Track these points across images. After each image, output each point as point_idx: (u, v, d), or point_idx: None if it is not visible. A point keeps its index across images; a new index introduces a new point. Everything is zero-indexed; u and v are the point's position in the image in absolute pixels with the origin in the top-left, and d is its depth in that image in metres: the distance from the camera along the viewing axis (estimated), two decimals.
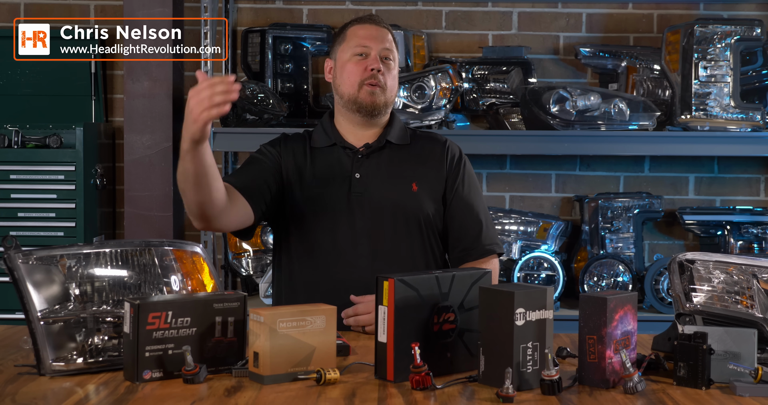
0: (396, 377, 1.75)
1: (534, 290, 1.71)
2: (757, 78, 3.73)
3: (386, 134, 2.46)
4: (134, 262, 1.90)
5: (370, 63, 2.40)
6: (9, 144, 3.56)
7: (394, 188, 2.41)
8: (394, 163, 2.44)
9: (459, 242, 2.46)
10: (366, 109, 2.41)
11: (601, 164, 3.95)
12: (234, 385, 1.73)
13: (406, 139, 2.49)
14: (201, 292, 1.97)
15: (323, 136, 2.48)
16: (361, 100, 2.40)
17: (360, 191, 2.40)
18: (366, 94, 2.40)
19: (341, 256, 2.37)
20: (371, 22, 2.47)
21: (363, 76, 2.40)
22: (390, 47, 2.45)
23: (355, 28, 2.46)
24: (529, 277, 3.67)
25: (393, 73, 2.45)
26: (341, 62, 2.45)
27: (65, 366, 1.78)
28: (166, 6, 3.66)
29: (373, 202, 2.39)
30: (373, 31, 2.44)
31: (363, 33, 2.44)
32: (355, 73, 2.41)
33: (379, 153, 2.45)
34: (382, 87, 2.41)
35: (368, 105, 2.41)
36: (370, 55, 2.41)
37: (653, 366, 1.84)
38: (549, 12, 3.94)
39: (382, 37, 2.44)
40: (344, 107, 2.45)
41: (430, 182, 2.44)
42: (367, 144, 2.45)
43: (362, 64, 2.41)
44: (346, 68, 2.43)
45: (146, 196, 3.67)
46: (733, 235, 3.72)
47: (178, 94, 3.81)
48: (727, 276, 1.89)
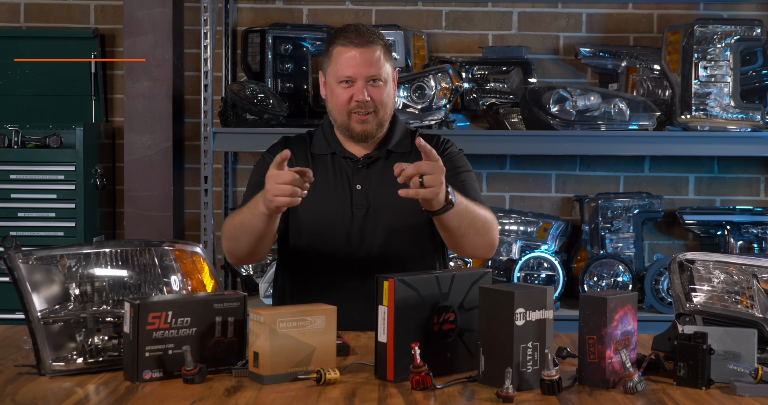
0: (396, 377, 1.75)
1: (534, 290, 1.71)
2: (757, 78, 3.73)
3: (386, 143, 2.42)
4: (134, 262, 1.90)
5: (355, 94, 2.32)
6: (9, 144, 3.56)
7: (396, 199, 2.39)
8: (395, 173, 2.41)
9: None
10: (358, 136, 2.37)
11: (601, 164, 3.95)
12: (234, 385, 1.74)
13: (407, 146, 2.44)
14: (201, 292, 1.97)
15: (324, 143, 2.44)
16: (352, 129, 2.35)
17: (361, 203, 2.37)
18: (356, 123, 2.34)
19: (343, 267, 2.36)
20: (353, 45, 2.32)
21: (349, 106, 2.34)
22: (377, 70, 2.32)
23: (339, 49, 2.33)
24: (529, 277, 3.67)
25: (384, 91, 2.35)
26: (330, 84, 2.37)
27: (65, 366, 1.79)
28: (166, 6, 3.67)
29: (374, 214, 2.36)
30: (357, 56, 2.31)
31: (345, 59, 2.32)
32: (343, 102, 2.34)
33: (379, 163, 2.41)
34: (373, 112, 2.34)
35: (359, 134, 2.36)
36: (355, 83, 2.32)
37: (653, 366, 1.84)
38: (549, 12, 3.94)
39: (368, 62, 2.31)
40: (338, 129, 2.41)
41: None
42: (367, 155, 2.41)
43: (348, 92, 2.33)
44: (335, 93, 2.35)
45: (146, 196, 3.67)
46: (733, 235, 3.72)
47: (178, 94, 3.81)
48: (727, 276, 1.89)
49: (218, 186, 3.92)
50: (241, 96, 3.55)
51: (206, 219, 3.62)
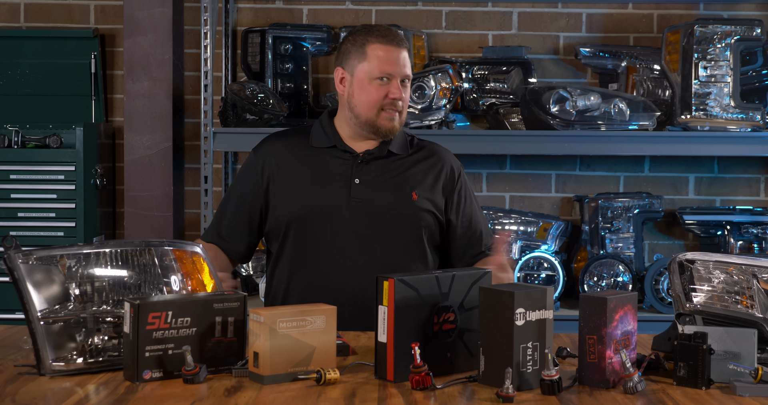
0: (396, 377, 1.75)
1: (534, 290, 1.71)
2: (757, 78, 3.73)
3: (388, 144, 2.44)
4: (134, 262, 1.90)
5: (392, 91, 2.36)
6: (9, 144, 3.56)
7: (395, 196, 2.41)
8: (394, 172, 2.43)
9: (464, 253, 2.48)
10: (383, 133, 2.40)
11: (601, 164, 3.95)
12: (234, 385, 1.74)
13: (406, 149, 2.48)
14: (201, 292, 1.97)
15: (322, 136, 2.46)
16: (380, 126, 2.38)
17: (360, 197, 2.38)
18: (385, 120, 2.38)
19: (337, 261, 2.37)
20: (393, 44, 2.38)
21: (384, 102, 2.37)
22: (409, 70, 2.41)
23: (376, 47, 2.37)
24: (529, 277, 3.67)
25: (408, 92, 2.43)
26: (359, 80, 2.39)
27: (65, 366, 1.78)
28: (166, 6, 3.66)
29: (372, 208, 2.38)
30: (396, 55, 2.37)
31: (385, 56, 2.36)
32: (376, 99, 2.37)
33: (379, 160, 2.43)
34: (400, 111, 2.40)
35: (387, 130, 2.39)
36: (392, 81, 2.37)
37: (653, 366, 1.84)
38: (549, 12, 3.94)
39: (404, 62, 2.38)
40: (357, 125, 2.42)
41: (430, 193, 2.43)
42: (368, 151, 2.43)
43: (384, 89, 2.36)
44: (366, 90, 2.37)
45: (146, 196, 3.67)
46: (733, 235, 3.72)
47: (178, 94, 3.81)
48: (727, 276, 1.89)
49: (218, 186, 3.92)
50: (241, 96, 3.55)
51: (206, 219, 3.62)
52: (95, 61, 3.85)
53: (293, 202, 2.41)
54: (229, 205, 2.51)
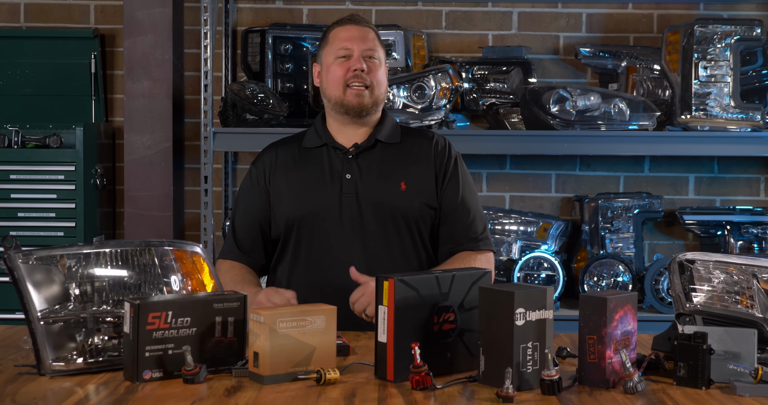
0: (396, 377, 1.75)
1: (534, 290, 1.71)
2: (757, 78, 3.73)
3: (376, 133, 2.47)
4: (134, 262, 1.90)
5: (352, 64, 2.41)
6: (9, 144, 3.56)
7: (383, 188, 2.42)
8: (383, 163, 2.45)
9: (450, 238, 2.46)
10: (353, 110, 2.42)
11: (601, 164, 3.95)
12: (234, 385, 1.74)
13: (396, 137, 2.49)
14: (201, 292, 1.97)
15: (314, 137, 2.50)
16: (347, 102, 2.41)
17: (350, 192, 2.40)
18: (352, 96, 2.41)
19: (333, 257, 2.39)
20: (351, 23, 2.46)
21: (347, 77, 2.40)
22: (373, 46, 2.44)
23: (337, 30, 2.46)
24: (529, 277, 3.67)
25: (379, 70, 2.44)
26: (326, 65, 2.46)
27: (65, 366, 1.79)
28: (166, 6, 3.66)
29: (362, 202, 2.40)
30: (354, 32, 2.44)
31: (344, 35, 2.44)
32: (339, 75, 2.41)
33: (368, 153, 2.45)
34: (369, 86, 2.41)
35: (355, 106, 2.41)
36: (352, 56, 2.41)
37: (653, 366, 1.84)
38: (549, 12, 3.94)
39: (364, 37, 2.44)
40: (332, 109, 2.46)
41: (420, 180, 2.44)
42: (356, 144, 2.45)
43: (345, 65, 2.41)
44: (330, 70, 2.43)
45: (146, 196, 3.67)
46: (733, 235, 3.72)
47: (178, 94, 3.81)
48: (727, 276, 1.89)
49: (218, 186, 3.92)
50: (241, 96, 3.55)
51: (206, 219, 3.62)
52: (95, 61, 3.85)
53: (290, 205, 2.44)
54: (240, 222, 2.53)
